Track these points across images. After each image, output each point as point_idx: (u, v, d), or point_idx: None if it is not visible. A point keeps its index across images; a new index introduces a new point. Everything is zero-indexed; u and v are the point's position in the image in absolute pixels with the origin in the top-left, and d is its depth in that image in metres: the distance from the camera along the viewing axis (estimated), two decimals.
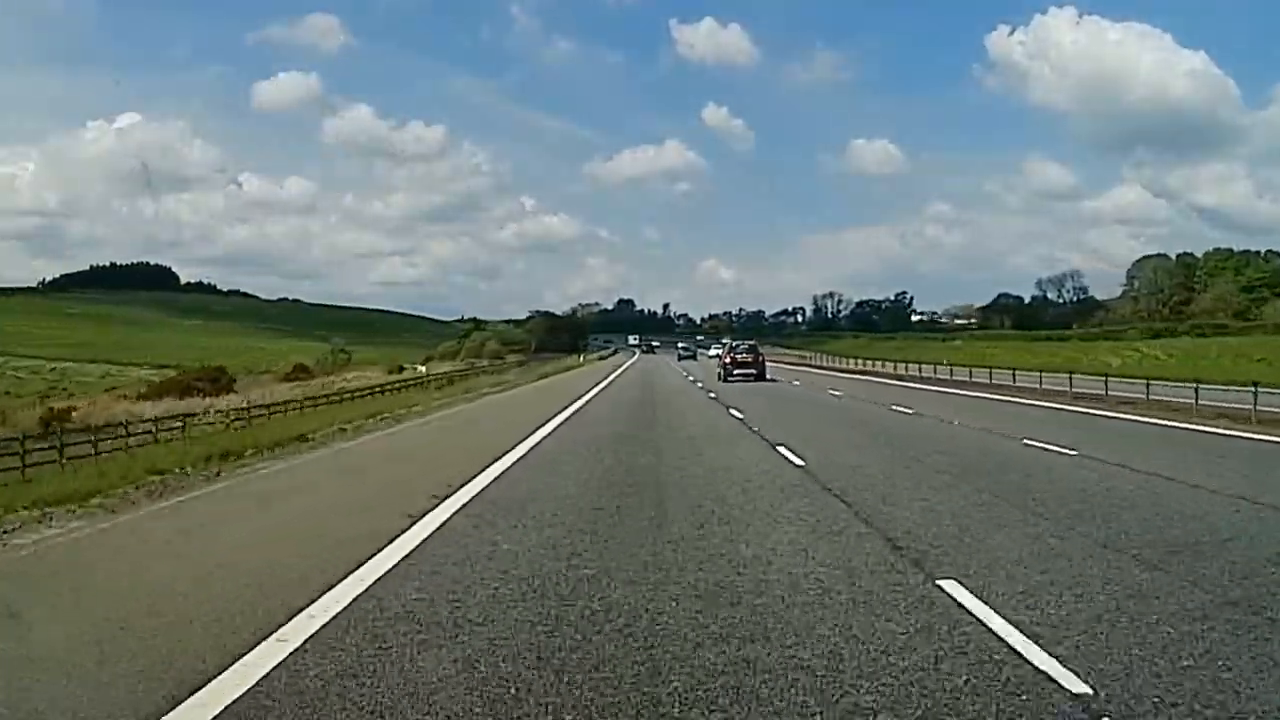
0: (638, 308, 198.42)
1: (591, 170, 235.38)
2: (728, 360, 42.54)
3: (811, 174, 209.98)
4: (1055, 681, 3.98)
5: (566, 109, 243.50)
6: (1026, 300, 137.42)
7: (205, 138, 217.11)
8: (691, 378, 45.90)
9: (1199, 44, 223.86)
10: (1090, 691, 3.86)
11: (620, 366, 68.99)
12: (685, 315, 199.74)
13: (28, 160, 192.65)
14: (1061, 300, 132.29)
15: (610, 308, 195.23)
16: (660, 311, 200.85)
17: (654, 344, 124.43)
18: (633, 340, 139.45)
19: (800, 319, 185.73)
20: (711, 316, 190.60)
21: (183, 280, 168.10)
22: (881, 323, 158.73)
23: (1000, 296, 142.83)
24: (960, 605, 5.18)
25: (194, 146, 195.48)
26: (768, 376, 41.51)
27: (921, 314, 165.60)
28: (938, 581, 5.71)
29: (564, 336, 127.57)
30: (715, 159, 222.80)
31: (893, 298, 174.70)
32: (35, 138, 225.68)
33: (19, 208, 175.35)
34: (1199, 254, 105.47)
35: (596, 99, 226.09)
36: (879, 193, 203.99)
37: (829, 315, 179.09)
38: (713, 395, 30.29)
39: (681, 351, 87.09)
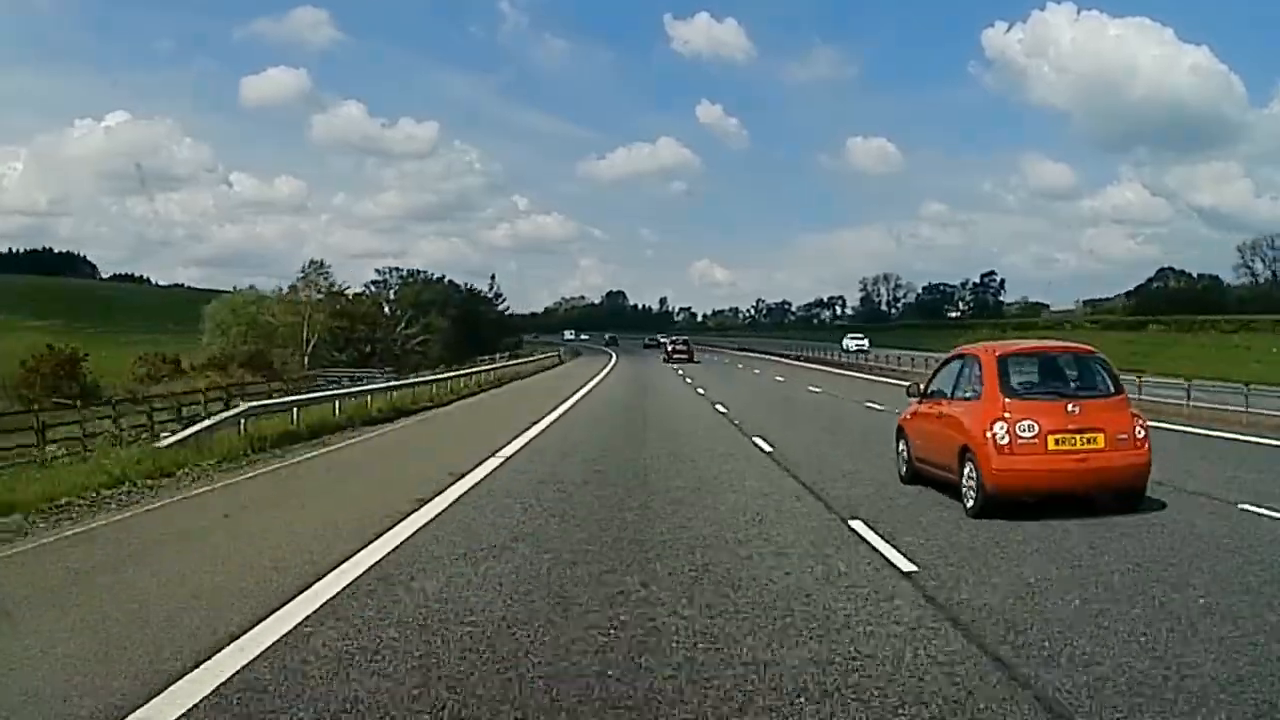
0: (630, 302, 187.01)
1: (585, 169, 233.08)
2: (669, 349, 66.54)
3: (812, 172, 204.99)
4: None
5: (559, 107, 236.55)
6: (1195, 277, 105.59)
7: (194, 136, 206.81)
8: None
9: (1202, 39, 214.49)
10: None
11: None
12: (688, 309, 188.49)
13: (16, 160, 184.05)
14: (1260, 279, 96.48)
15: (598, 302, 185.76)
16: (656, 307, 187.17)
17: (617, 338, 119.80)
18: (569, 335, 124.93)
19: (839, 310, 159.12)
20: (716, 313, 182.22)
21: (104, 274, 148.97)
22: (960, 311, 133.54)
23: (1162, 273, 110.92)
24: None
25: (183, 145, 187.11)
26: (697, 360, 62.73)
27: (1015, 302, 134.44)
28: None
29: (438, 329, 75.67)
30: (711, 157, 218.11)
31: (977, 280, 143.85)
32: (22, 137, 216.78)
33: (7, 207, 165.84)
34: None
35: (589, 96, 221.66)
36: (879, 190, 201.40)
37: (884, 304, 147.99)
38: None
39: (647, 341, 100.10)
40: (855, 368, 51.07)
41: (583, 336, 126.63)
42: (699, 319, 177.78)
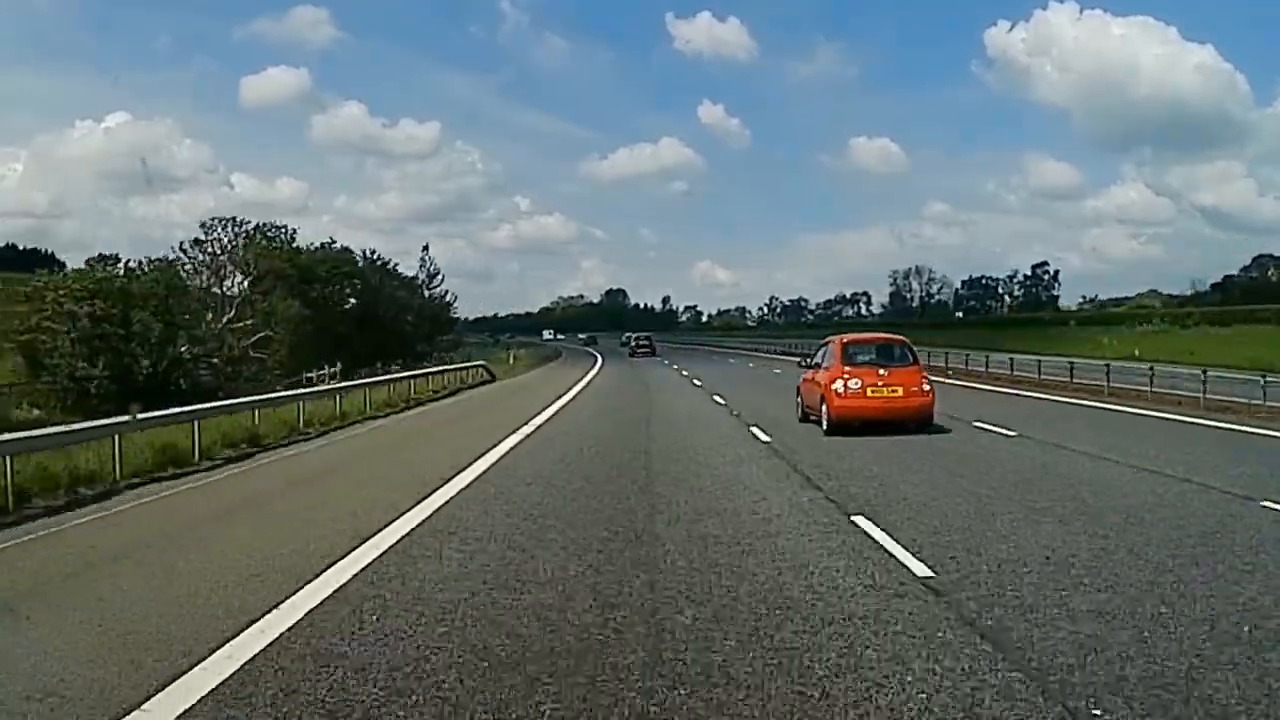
0: (631, 302, 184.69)
1: (586, 169, 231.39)
2: (634, 344, 74.78)
3: (814, 172, 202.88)
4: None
5: (560, 107, 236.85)
6: None
7: (194, 136, 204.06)
8: None
9: (1206, 38, 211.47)
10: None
11: None
12: (693, 307, 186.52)
13: (16, 161, 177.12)
14: None
15: (596, 301, 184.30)
16: (659, 306, 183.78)
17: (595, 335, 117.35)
18: (547, 335, 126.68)
19: (863, 308, 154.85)
20: (722, 313, 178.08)
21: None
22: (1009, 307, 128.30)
23: (1259, 260, 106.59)
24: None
25: (183, 146, 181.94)
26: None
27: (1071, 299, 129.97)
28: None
29: (285, 318, 46.93)
30: (713, 157, 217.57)
31: (1029, 272, 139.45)
32: (22, 138, 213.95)
33: (8, 209, 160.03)
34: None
35: (590, 96, 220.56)
36: (881, 190, 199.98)
37: (917, 300, 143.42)
38: None
39: (623, 339, 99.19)
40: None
41: (559, 336, 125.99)
42: (704, 319, 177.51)
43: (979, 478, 11.10)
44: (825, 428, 15.70)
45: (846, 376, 15.60)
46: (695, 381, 33.97)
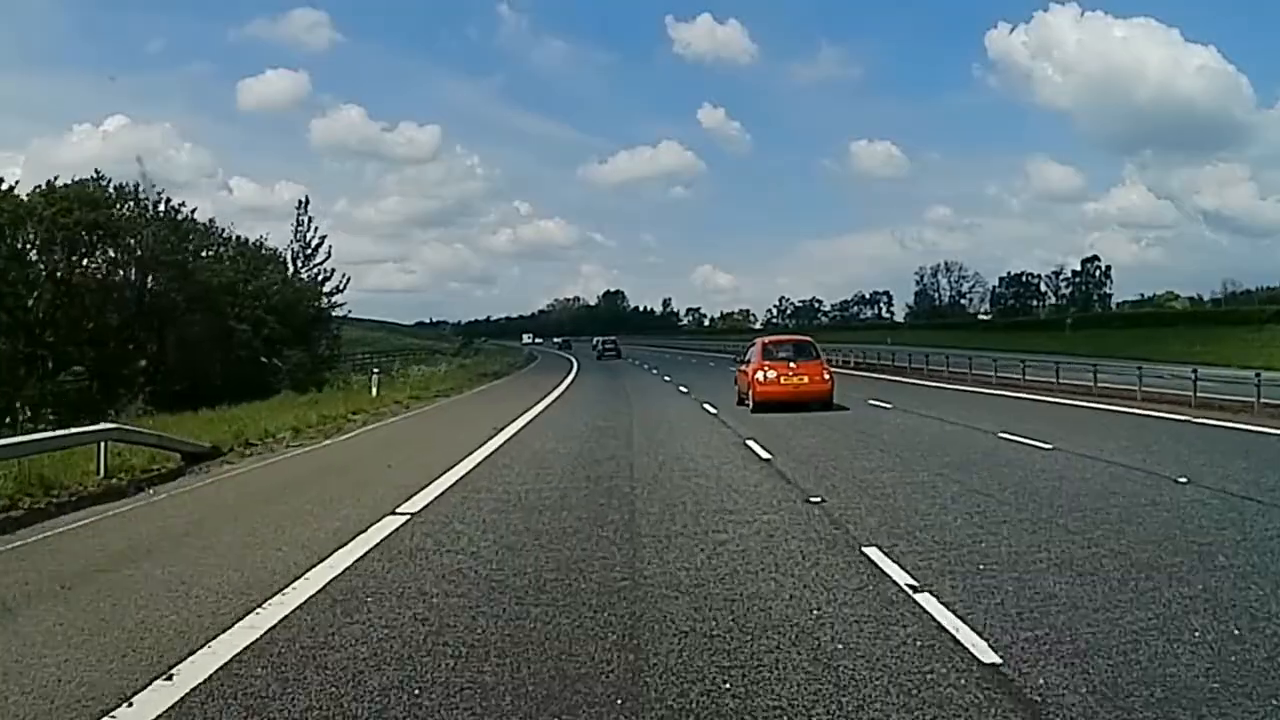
0: (631, 305, 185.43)
1: (586, 173, 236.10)
2: (601, 347, 78.72)
3: (815, 176, 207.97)
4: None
5: (560, 110, 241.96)
6: None
7: (193, 140, 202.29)
8: None
9: (1209, 39, 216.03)
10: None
11: None
12: (697, 309, 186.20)
13: (14, 165, 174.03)
14: None
15: (594, 304, 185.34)
16: (660, 309, 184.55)
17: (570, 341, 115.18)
18: (527, 340, 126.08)
19: (884, 308, 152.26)
20: (725, 316, 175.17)
21: None
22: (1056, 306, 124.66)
23: None
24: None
25: (181, 150, 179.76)
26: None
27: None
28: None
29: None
30: (713, 161, 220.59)
31: (1077, 268, 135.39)
32: (19, 142, 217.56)
33: None
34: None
35: (590, 100, 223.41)
36: (882, 193, 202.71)
37: (945, 299, 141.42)
38: None
39: (593, 343, 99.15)
40: None
41: (536, 340, 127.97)
42: (707, 322, 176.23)
43: None
44: (751, 408, 20.81)
45: (766, 368, 20.78)
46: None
